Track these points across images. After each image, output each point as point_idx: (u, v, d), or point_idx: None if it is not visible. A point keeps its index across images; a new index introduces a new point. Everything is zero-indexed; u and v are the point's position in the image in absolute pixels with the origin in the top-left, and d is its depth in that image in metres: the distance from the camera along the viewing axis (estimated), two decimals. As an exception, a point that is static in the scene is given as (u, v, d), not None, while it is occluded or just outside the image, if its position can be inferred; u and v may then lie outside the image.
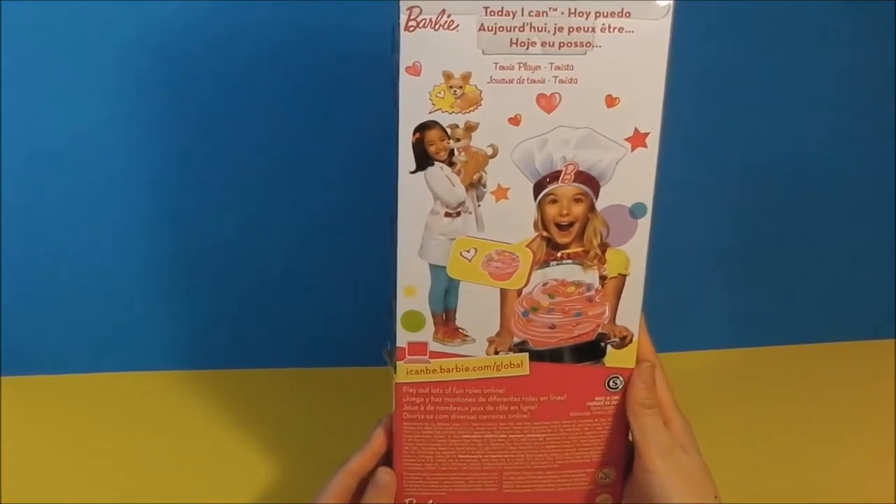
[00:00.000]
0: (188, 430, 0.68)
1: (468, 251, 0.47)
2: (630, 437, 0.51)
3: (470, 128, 0.44)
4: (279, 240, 0.69)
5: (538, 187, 0.46)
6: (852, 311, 0.77)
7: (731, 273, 0.74)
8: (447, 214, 0.46)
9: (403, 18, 0.42)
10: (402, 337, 0.49)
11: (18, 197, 0.64)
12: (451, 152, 0.45)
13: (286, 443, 0.67)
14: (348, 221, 0.67)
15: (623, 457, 0.52)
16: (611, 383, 0.50)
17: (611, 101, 0.44)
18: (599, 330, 0.49)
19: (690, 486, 0.49)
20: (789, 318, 0.76)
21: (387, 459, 0.52)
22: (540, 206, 0.46)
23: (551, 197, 0.46)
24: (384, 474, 0.51)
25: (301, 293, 0.71)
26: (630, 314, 0.49)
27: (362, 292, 0.66)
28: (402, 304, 0.48)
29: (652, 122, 0.45)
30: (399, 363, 0.49)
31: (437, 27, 0.42)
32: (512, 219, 0.46)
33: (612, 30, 0.43)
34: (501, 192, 0.46)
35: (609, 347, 0.50)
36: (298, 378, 0.74)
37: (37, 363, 0.72)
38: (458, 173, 0.45)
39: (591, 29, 0.43)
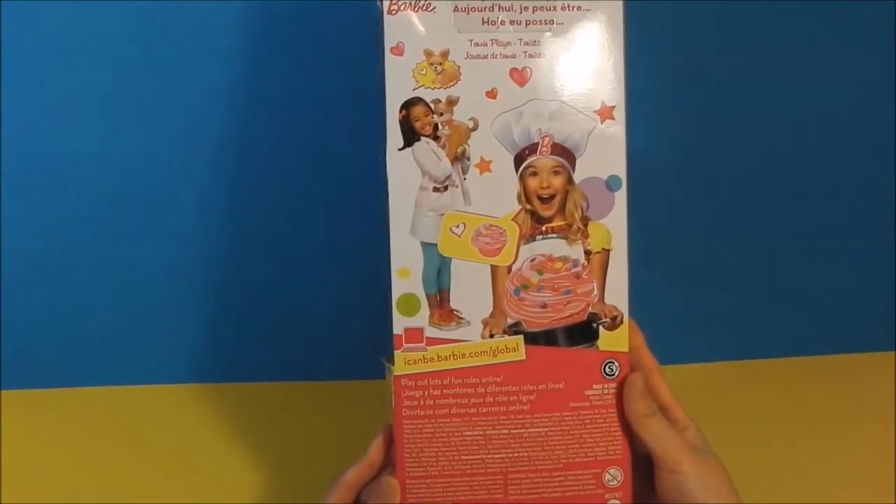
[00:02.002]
0: (188, 443, 0.68)
1: (457, 226, 0.49)
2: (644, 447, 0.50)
3: (451, 102, 0.48)
4: (279, 253, 0.69)
5: (518, 159, 0.49)
6: (850, 322, 0.75)
7: (721, 282, 0.73)
8: (435, 189, 0.48)
9: (386, 4, 0.47)
10: (399, 323, 0.49)
11: (19, 208, 0.65)
12: (436, 127, 0.48)
13: (286, 456, 0.66)
14: (348, 235, 0.68)
15: (629, 456, 0.51)
16: (607, 369, 0.51)
17: (577, 75, 0.49)
18: (590, 309, 0.51)
19: (720, 483, 0.48)
20: (784, 329, 0.75)
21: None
22: (522, 178, 0.49)
23: (531, 169, 0.49)
24: (387, 484, 0.50)
25: (300, 307, 0.71)
26: (618, 292, 0.51)
27: (362, 306, 0.65)
28: (397, 288, 0.49)
29: (616, 96, 0.49)
30: (396, 352, 0.49)
31: (416, 10, 0.47)
32: (497, 191, 0.49)
33: (571, 8, 0.48)
34: (485, 165, 0.49)
35: (601, 329, 0.51)
36: (298, 392, 0.73)
37: (37, 377, 0.71)
38: (444, 147, 0.48)
39: (552, 7, 0.48)
